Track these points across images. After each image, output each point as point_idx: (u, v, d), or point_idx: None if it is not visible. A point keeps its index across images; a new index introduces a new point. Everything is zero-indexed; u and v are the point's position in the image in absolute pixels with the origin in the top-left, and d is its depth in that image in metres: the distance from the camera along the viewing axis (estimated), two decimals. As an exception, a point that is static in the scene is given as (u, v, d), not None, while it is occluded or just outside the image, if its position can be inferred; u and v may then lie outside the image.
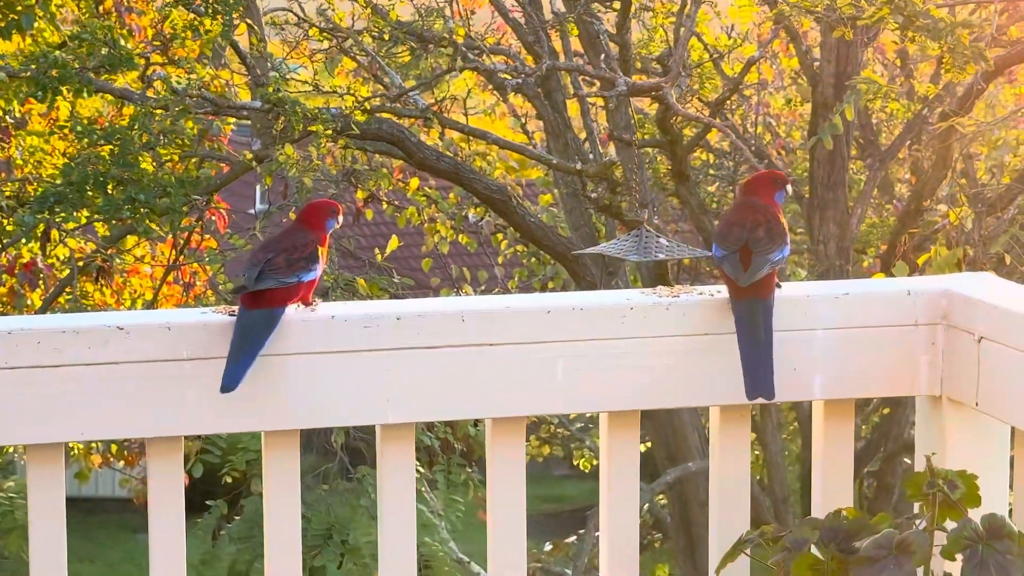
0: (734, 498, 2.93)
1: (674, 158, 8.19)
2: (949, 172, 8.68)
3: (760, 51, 7.88)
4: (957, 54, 5.96)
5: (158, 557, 2.70)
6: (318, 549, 6.90)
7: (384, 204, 11.88)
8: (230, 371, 2.59)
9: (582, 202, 10.13)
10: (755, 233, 2.81)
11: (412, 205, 12.09)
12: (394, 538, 2.78)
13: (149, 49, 7.02)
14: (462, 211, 12.48)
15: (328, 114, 6.81)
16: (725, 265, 2.81)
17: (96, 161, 6.35)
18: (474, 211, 12.46)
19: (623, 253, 4.35)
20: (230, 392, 2.59)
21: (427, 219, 12.08)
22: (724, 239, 2.84)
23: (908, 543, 2.60)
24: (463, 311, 2.75)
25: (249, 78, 7.73)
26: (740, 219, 2.87)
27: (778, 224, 2.85)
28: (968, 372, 2.83)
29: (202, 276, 8.78)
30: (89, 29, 6.25)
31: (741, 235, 2.83)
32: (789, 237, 2.90)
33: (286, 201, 8.37)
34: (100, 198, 6.31)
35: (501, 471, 2.82)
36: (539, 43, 10.36)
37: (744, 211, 2.88)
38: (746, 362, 2.74)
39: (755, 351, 2.74)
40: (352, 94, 7.08)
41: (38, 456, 2.66)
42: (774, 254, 2.80)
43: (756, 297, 2.77)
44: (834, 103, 9.90)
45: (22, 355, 2.59)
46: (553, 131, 10.25)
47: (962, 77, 6.41)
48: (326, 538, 6.91)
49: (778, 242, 2.82)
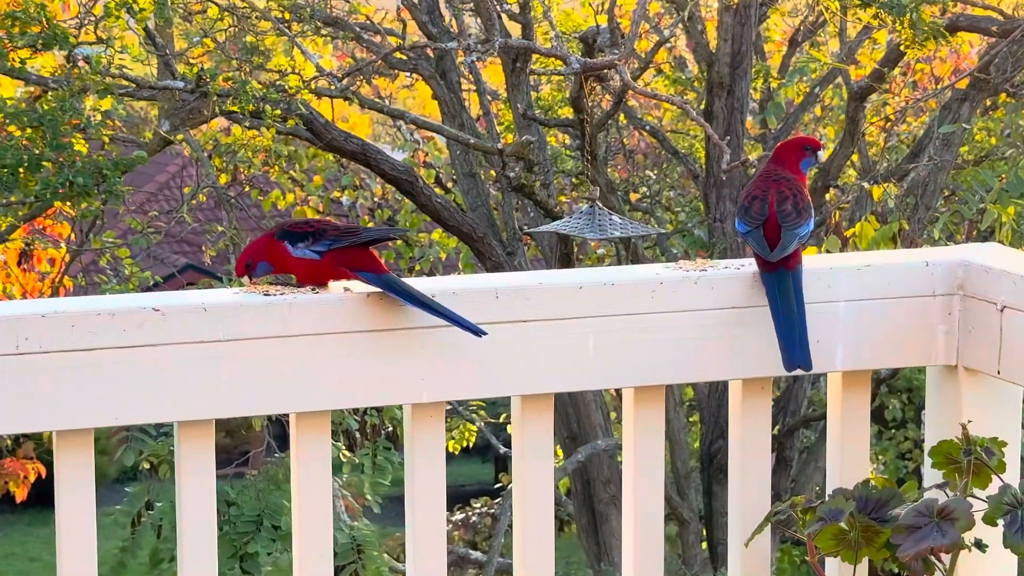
0: (756, 471, 2.94)
1: (585, 137, 8.21)
2: (855, 149, 8.80)
3: (670, 29, 7.92)
4: (918, 29, 6.05)
5: (188, 540, 2.64)
6: (249, 536, 6.82)
7: (246, 188, 11.78)
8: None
9: (479, 182, 10.13)
10: (783, 206, 2.81)
11: (276, 188, 12.00)
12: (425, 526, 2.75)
13: (78, 25, 6.88)
14: (328, 193, 12.41)
15: (275, 94, 6.73)
16: (750, 241, 2.82)
17: (28, 143, 6.22)
18: (348, 194, 12.41)
19: (577, 231, 4.34)
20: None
21: (298, 201, 12.00)
22: (746, 214, 2.84)
23: (950, 510, 2.62)
24: (497, 288, 2.73)
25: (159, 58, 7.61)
26: (762, 192, 2.86)
27: (803, 197, 2.86)
28: (989, 341, 2.86)
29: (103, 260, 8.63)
30: (23, 6, 6.11)
31: (763, 209, 2.83)
32: (813, 209, 2.91)
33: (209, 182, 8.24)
34: (34, 181, 6.18)
35: (530, 448, 2.80)
36: (433, 22, 10.34)
37: (766, 183, 2.88)
38: (782, 334, 2.74)
39: (789, 322, 2.74)
40: (298, 74, 7.00)
41: (69, 443, 2.59)
42: (801, 228, 2.80)
43: (785, 268, 2.78)
44: (729, 82, 10.00)
45: (56, 339, 2.52)
46: (449, 111, 10.24)
47: (922, 53, 6.51)
48: (257, 524, 6.84)
49: (804, 216, 2.82)
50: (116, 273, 8.59)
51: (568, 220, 4.74)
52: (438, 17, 10.30)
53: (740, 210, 2.87)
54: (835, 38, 11.18)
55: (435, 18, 10.26)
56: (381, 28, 10.12)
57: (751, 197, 2.87)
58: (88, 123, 6.40)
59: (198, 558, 2.65)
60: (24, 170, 6.07)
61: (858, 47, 9.49)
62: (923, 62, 10.97)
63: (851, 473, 2.95)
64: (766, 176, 2.90)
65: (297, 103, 7.27)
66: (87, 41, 6.63)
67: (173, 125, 7.33)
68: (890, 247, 5.32)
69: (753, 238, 2.80)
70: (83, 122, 6.37)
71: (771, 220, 2.81)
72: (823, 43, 11.76)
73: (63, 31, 6.26)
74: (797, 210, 2.82)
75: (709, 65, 10.05)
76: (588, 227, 4.46)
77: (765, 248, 2.78)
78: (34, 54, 6.36)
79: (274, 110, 6.93)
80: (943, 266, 2.92)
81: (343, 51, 12.91)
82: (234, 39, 8.41)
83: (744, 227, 2.83)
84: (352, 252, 2.62)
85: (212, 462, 2.67)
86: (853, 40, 9.63)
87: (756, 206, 2.84)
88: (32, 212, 7.02)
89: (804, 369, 2.76)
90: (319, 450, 2.70)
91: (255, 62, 8.02)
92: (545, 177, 9.20)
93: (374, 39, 10.45)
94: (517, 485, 2.82)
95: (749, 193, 2.90)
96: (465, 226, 9.08)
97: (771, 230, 2.80)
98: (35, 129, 6.21)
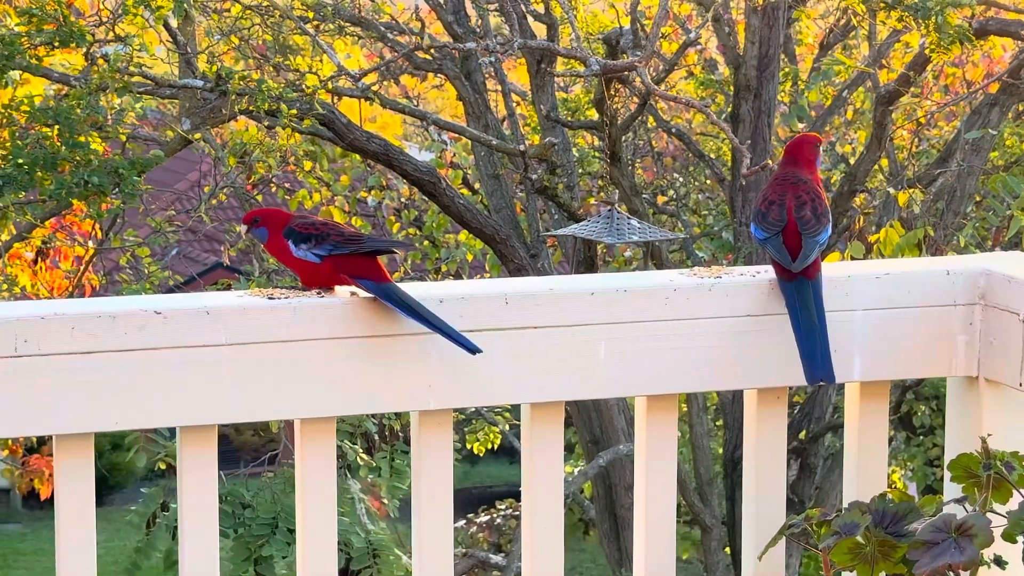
0: (771, 483, 2.88)
1: (608, 139, 8.15)
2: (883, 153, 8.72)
3: (696, 32, 7.86)
4: (944, 33, 5.97)
5: (189, 546, 2.60)
6: (264, 538, 6.77)
7: (273, 187, 11.74)
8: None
9: (503, 183, 10.07)
10: (802, 212, 2.74)
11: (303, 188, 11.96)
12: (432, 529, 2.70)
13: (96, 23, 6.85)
14: (355, 193, 12.36)
15: (292, 94, 6.69)
16: (769, 248, 2.74)
17: (45, 142, 6.19)
18: (374, 194, 12.36)
19: (595, 235, 4.28)
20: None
21: (324, 201, 11.96)
22: (763, 220, 2.77)
23: (969, 526, 2.56)
24: (507, 293, 2.67)
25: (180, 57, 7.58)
26: (779, 196, 2.79)
27: (822, 201, 2.79)
28: (1011, 352, 2.80)
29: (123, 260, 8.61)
30: (39, 4, 6.07)
31: (781, 215, 2.76)
32: (830, 212, 2.84)
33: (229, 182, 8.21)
34: (49, 180, 6.15)
35: (539, 457, 2.75)
36: (459, 22, 10.28)
37: (784, 187, 2.80)
38: (803, 346, 2.67)
39: (811, 334, 2.67)
40: (315, 73, 6.96)
41: (68, 447, 2.54)
42: (821, 235, 2.73)
43: (805, 276, 2.71)
44: (756, 85, 9.93)
45: (56, 341, 2.48)
46: (474, 112, 10.18)
47: (947, 57, 6.43)
48: (273, 527, 6.79)
49: (823, 222, 2.75)
50: (137, 272, 8.57)
51: (587, 223, 4.69)
52: (464, 17, 10.25)
53: (756, 215, 2.79)
54: (866, 42, 11.10)
55: (461, 18, 10.21)
56: (407, 28, 10.07)
57: (768, 202, 2.79)
58: (105, 121, 6.37)
59: (199, 563, 2.60)
60: (40, 169, 6.03)
61: (888, 51, 9.41)
62: (955, 66, 10.90)
63: (868, 486, 2.89)
64: (783, 179, 2.82)
65: (315, 102, 7.23)
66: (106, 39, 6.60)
67: (194, 124, 7.30)
68: (915, 254, 5.26)
69: (772, 246, 2.73)
70: (100, 121, 6.34)
71: (790, 226, 2.73)
72: (855, 46, 11.69)
73: (80, 28, 6.22)
74: (816, 216, 2.74)
75: (736, 67, 9.98)
76: (606, 231, 4.40)
77: (787, 257, 2.70)
78: (51, 51, 6.33)
79: (290, 109, 6.89)
80: (964, 275, 2.85)
81: (372, 51, 12.88)
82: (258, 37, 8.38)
83: (762, 233, 2.76)
84: (354, 259, 2.57)
85: (215, 466, 2.62)
86: (882, 43, 9.56)
87: (774, 212, 2.77)
88: (49, 211, 6.99)
89: (827, 382, 2.70)
90: (324, 456, 2.65)
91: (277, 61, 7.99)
92: (569, 179, 9.15)
93: (400, 39, 10.41)
94: (526, 494, 2.77)
95: (765, 197, 2.82)
96: (488, 228, 9.03)
97: (791, 237, 2.72)
98: (51, 127, 6.19)
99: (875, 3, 6.40)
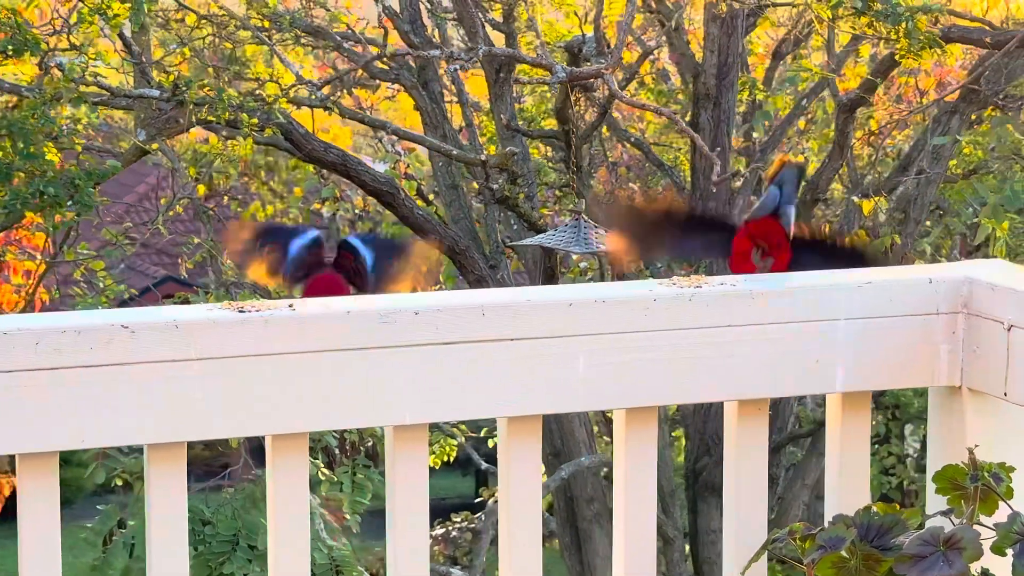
0: (752, 496, 2.83)
1: (571, 148, 8.10)
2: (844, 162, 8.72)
3: (658, 40, 7.82)
4: (914, 39, 5.95)
5: (157, 566, 2.52)
6: (225, 556, 6.67)
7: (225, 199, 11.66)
8: None
9: (461, 194, 10.01)
10: None
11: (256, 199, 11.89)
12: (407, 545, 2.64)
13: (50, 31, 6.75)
14: (308, 206, 12.31)
15: (252, 103, 6.62)
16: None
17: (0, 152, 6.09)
18: (328, 205, 12.30)
19: (562, 245, 4.23)
20: None
21: (278, 213, 11.90)
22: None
23: (958, 539, 2.51)
24: (483, 305, 2.61)
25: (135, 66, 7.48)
26: None
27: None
28: (995, 361, 2.75)
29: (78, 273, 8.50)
30: (-7, 13, 5.99)
31: None
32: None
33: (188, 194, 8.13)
34: (3, 191, 6.04)
35: (516, 471, 2.69)
36: (415, 32, 10.23)
37: None
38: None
39: None
40: (276, 81, 6.89)
41: (32, 466, 2.46)
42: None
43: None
44: (716, 94, 9.91)
45: (18, 357, 2.40)
46: (431, 122, 10.12)
47: (917, 63, 6.42)
48: (234, 544, 6.69)
49: None
50: (91, 286, 8.47)
51: (553, 233, 4.64)
52: (420, 27, 10.19)
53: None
54: (819, 51, 11.12)
55: (417, 28, 10.15)
56: (363, 38, 10.01)
57: None
58: (60, 132, 6.27)
59: (168, 584, 2.53)
60: (-5, 180, 5.95)
61: (846, 59, 9.41)
62: (908, 75, 10.91)
63: (851, 498, 2.84)
64: None
65: (275, 112, 7.16)
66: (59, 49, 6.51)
67: (149, 135, 7.21)
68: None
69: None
70: (55, 131, 6.24)
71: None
72: (807, 55, 11.69)
73: (34, 37, 6.13)
74: None
75: (695, 76, 9.95)
76: (573, 241, 4.35)
77: None
78: (4, 60, 6.23)
79: (251, 119, 6.82)
80: (947, 283, 2.80)
81: (324, 62, 12.81)
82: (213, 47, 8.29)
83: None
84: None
85: (184, 485, 2.55)
86: (841, 52, 9.56)
87: None
88: (3, 223, 6.88)
89: None
90: (296, 472, 2.58)
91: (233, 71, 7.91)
92: (529, 189, 9.10)
93: (355, 49, 10.34)
94: (503, 509, 2.70)
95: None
96: (447, 239, 8.97)
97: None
98: (4, 138, 6.09)
99: (843, 9, 6.38)
